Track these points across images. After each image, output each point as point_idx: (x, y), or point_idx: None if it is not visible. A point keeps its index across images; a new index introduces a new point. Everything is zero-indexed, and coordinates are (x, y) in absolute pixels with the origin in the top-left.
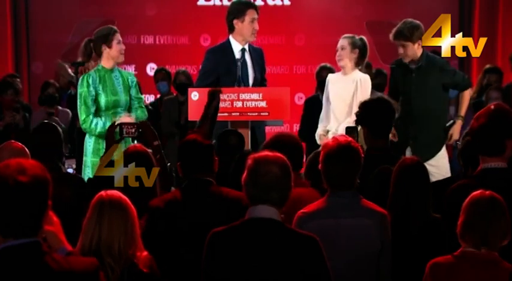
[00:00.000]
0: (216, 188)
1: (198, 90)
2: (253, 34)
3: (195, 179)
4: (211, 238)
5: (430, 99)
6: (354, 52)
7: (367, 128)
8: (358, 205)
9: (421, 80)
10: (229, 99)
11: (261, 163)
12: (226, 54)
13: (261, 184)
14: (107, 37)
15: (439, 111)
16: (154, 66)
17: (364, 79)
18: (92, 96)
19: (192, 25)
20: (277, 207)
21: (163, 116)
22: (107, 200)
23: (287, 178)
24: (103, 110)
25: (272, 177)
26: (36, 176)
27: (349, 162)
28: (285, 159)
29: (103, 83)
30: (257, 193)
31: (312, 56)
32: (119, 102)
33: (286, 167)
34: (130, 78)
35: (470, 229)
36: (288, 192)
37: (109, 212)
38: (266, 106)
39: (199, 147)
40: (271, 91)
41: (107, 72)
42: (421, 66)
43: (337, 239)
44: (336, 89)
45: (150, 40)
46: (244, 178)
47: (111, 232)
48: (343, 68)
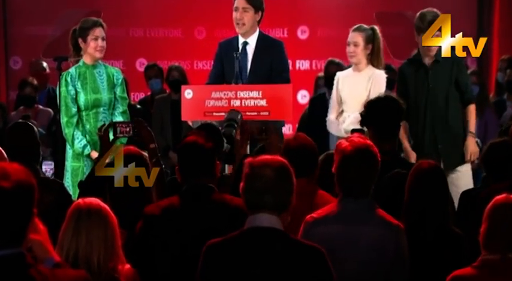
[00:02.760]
0: (217, 195)
1: (192, 88)
2: (236, 24)
3: (194, 184)
4: (206, 251)
5: (451, 98)
6: (367, 48)
7: (373, 130)
8: (373, 214)
9: (439, 78)
10: (227, 98)
11: (255, 166)
12: (231, 48)
13: (254, 188)
14: (84, 31)
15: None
16: (144, 62)
17: (378, 75)
18: (72, 95)
19: (186, 16)
20: (278, 214)
21: (154, 117)
22: (85, 209)
23: (284, 181)
24: (83, 110)
25: (266, 180)
26: (20, 181)
27: (367, 167)
28: (284, 162)
29: (82, 80)
30: (251, 198)
31: (317, 50)
32: (100, 101)
33: (283, 170)
34: (116, 75)
35: (496, 236)
36: (287, 196)
37: (87, 222)
38: (266, 105)
39: (200, 150)
40: (271, 89)
41: (88, 68)
42: (439, 61)
43: (345, 247)
44: (349, 87)
45: (140, 33)
46: (241, 184)
47: (89, 244)
48: (356, 65)
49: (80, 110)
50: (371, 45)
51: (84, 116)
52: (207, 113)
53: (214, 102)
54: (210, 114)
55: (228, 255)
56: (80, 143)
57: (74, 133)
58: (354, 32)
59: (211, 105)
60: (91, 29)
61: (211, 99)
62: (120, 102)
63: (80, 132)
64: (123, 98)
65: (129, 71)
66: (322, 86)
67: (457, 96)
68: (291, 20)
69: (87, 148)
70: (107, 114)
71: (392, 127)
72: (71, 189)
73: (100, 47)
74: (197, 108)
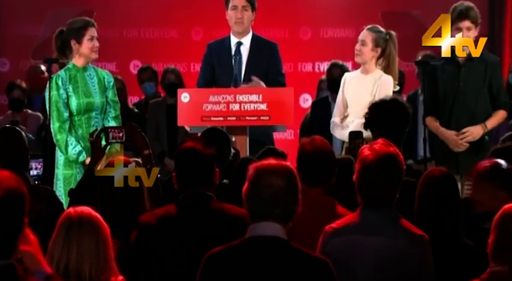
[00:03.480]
0: (216, 204)
1: (189, 91)
2: (235, 23)
3: (192, 192)
4: (206, 261)
5: (481, 98)
6: (375, 51)
7: (378, 134)
8: (396, 225)
9: (471, 76)
10: (225, 102)
11: (263, 173)
12: (222, 49)
13: (262, 199)
14: (78, 32)
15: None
16: (139, 64)
17: (385, 80)
18: (64, 99)
19: (182, 16)
20: (282, 223)
21: (148, 122)
22: (76, 218)
23: (293, 190)
24: (75, 115)
25: (275, 190)
26: (11, 189)
27: (390, 177)
28: (291, 168)
29: (74, 84)
30: (258, 209)
31: (320, 52)
32: (93, 105)
33: (292, 178)
34: (107, 78)
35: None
36: (295, 206)
37: (78, 232)
38: (267, 109)
39: (198, 156)
40: (272, 92)
41: (79, 71)
42: (473, 58)
43: (366, 258)
44: (353, 90)
45: (134, 34)
46: (244, 190)
47: (80, 255)
48: (363, 65)
49: (72, 114)
50: (380, 49)
51: (76, 121)
52: (204, 118)
53: (212, 107)
54: (207, 119)
55: (229, 265)
56: (75, 150)
57: (68, 139)
58: (366, 31)
59: (209, 109)
60: (86, 29)
61: (209, 103)
62: (112, 107)
63: (74, 138)
64: (115, 102)
65: (123, 73)
66: (325, 89)
67: (488, 100)
68: (292, 20)
69: (82, 154)
70: (99, 119)
71: (398, 132)
72: (63, 198)
73: (96, 48)
74: (194, 113)
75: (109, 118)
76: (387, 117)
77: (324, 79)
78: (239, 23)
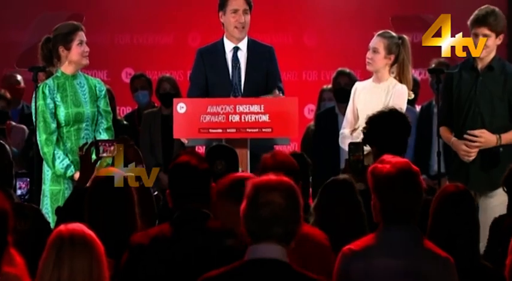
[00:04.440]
0: (213, 222)
1: (186, 101)
2: (236, 28)
3: (187, 210)
4: None
5: (497, 112)
6: (388, 58)
7: (377, 148)
8: (419, 245)
9: (489, 86)
10: (224, 113)
11: (261, 190)
12: (216, 55)
13: (261, 217)
14: (66, 37)
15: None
16: (132, 72)
17: (399, 89)
18: (51, 109)
19: (178, 21)
20: (283, 244)
21: (142, 134)
22: (67, 237)
23: (294, 208)
24: (63, 126)
25: (275, 208)
26: None
27: (412, 191)
28: (292, 184)
29: (62, 92)
30: (256, 228)
31: (326, 59)
32: (83, 115)
33: (293, 195)
34: (99, 86)
35: None
36: (296, 225)
37: (70, 251)
38: (269, 120)
39: (194, 171)
40: (275, 102)
41: (68, 79)
42: (493, 68)
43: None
44: (365, 100)
45: (126, 39)
46: (242, 209)
47: (72, 276)
48: (375, 74)
49: (60, 126)
50: (393, 56)
51: (65, 133)
52: (202, 130)
53: (211, 118)
54: (205, 131)
55: None
56: (62, 163)
57: (55, 152)
58: (377, 37)
59: (207, 121)
60: (75, 33)
61: (207, 114)
62: (104, 117)
63: (62, 151)
64: (107, 112)
65: (114, 82)
66: (327, 100)
67: (507, 115)
68: (296, 25)
69: (70, 168)
70: (89, 130)
71: (399, 146)
72: (50, 216)
73: (86, 52)
74: (191, 125)
75: (100, 130)
76: (386, 130)
77: (326, 89)
78: (241, 28)
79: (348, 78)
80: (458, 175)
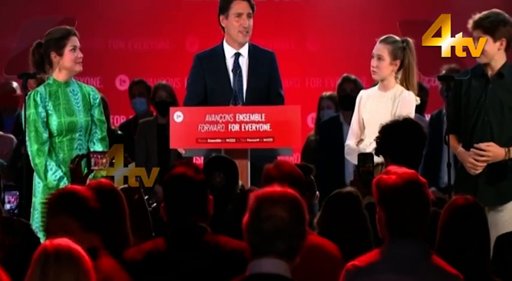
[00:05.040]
0: (210, 237)
1: (183, 110)
2: (240, 32)
3: (183, 224)
4: None
5: (507, 122)
6: (394, 64)
7: (391, 159)
8: (427, 261)
9: (499, 94)
10: (223, 122)
11: (264, 203)
12: (216, 61)
13: (263, 231)
14: (58, 42)
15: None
16: (126, 79)
17: (406, 96)
18: (43, 118)
19: (175, 25)
20: (286, 259)
21: (137, 144)
22: (53, 253)
23: (298, 222)
24: (55, 135)
25: (277, 222)
26: None
27: (418, 203)
28: (297, 197)
29: (54, 100)
30: (259, 242)
31: (330, 65)
32: (76, 124)
33: (298, 208)
34: (93, 94)
35: None
36: (300, 240)
37: (55, 267)
38: (270, 130)
39: (189, 183)
40: (277, 111)
41: (60, 86)
42: (503, 75)
43: None
44: (371, 109)
45: (121, 45)
46: (244, 222)
47: None
48: (381, 82)
49: (52, 136)
50: (399, 61)
51: (57, 143)
52: (200, 140)
53: (209, 127)
54: (203, 141)
55: None
56: (55, 175)
57: (47, 163)
58: (380, 44)
59: (205, 130)
60: (67, 38)
61: (205, 123)
62: (98, 127)
63: (54, 162)
64: (102, 121)
65: (108, 89)
66: (327, 108)
67: None
68: (300, 29)
69: (63, 180)
70: (83, 140)
71: (414, 157)
72: (40, 231)
73: (79, 59)
74: (189, 134)
75: (94, 140)
76: (400, 140)
77: (325, 96)
78: (245, 32)
79: (353, 85)
80: (465, 187)
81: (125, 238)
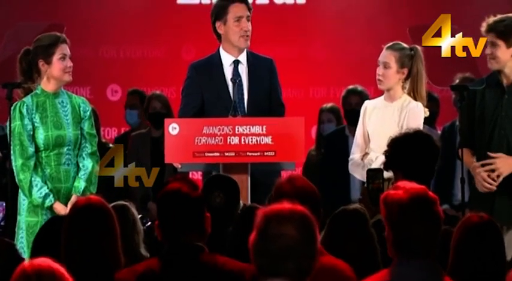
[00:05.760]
0: (207, 257)
1: (179, 122)
2: (241, 37)
3: (179, 244)
4: None
5: None
6: (401, 72)
7: (402, 174)
8: None
9: None
10: (222, 134)
11: (273, 221)
12: (213, 70)
13: (271, 251)
14: (47, 50)
15: None
16: (117, 89)
17: (414, 107)
18: (29, 131)
19: (170, 32)
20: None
21: (129, 159)
22: (33, 274)
23: (309, 242)
24: (42, 150)
25: (287, 242)
26: None
27: (428, 220)
28: (307, 214)
29: (42, 112)
30: (266, 263)
31: (335, 74)
32: (64, 138)
33: (308, 226)
34: (83, 106)
35: None
36: (311, 261)
37: None
38: (272, 143)
39: (185, 200)
40: (279, 123)
41: (49, 97)
42: None
43: None
44: (377, 121)
45: (112, 52)
46: (251, 241)
47: None
48: (387, 92)
49: (39, 150)
50: (406, 70)
51: (44, 158)
52: (197, 154)
53: (207, 140)
54: (201, 155)
55: None
56: (40, 192)
57: (32, 179)
58: (386, 50)
59: (202, 143)
60: (56, 46)
61: (202, 136)
62: (88, 141)
63: (40, 178)
64: (92, 135)
65: (99, 100)
66: (327, 121)
67: None
68: (303, 35)
69: (49, 197)
70: (71, 155)
71: (426, 172)
72: (25, 251)
73: (69, 68)
74: (185, 148)
75: (84, 155)
76: (412, 154)
77: (325, 109)
78: (246, 37)
79: (359, 98)
80: (481, 204)
81: (116, 259)
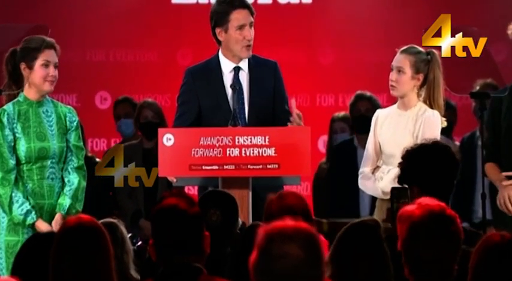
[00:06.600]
0: (207, 279)
1: (174, 132)
2: (244, 47)
3: (175, 265)
4: None
5: None
6: (416, 78)
7: (418, 189)
8: None
9: None
10: (221, 146)
11: (275, 239)
12: (211, 76)
13: (274, 272)
14: (30, 53)
15: None
16: (107, 96)
17: (430, 116)
18: (10, 142)
19: (165, 35)
20: None
21: None
22: None
23: (315, 262)
24: (24, 163)
25: (292, 262)
26: None
27: (444, 240)
28: (313, 233)
29: (24, 122)
30: None
31: (344, 80)
32: (48, 151)
33: (314, 246)
34: (70, 116)
35: None
36: None
37: None
38: (275, 155)
39: (182, 217)
40: (282, 133)
41: (32, 105)
42: None
43: None
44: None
45: (101, 56)
46: (252, 261)
47: None
48: (400, 99)
49: (20, 163)
50: (422, 75)
51: (25, 172)
52: (193, 167)
53: (204, 152)
54: (197, 168)
55: None
56: (21, 209)
57: (13, 195)
58: (400, 54)
59: (199, 155)
60: (40, 50)
61: (199, 147)
62: (74, 154)
63: (21, 194)
64: (79, 148)
65: (86, 109)
66: (340, 131)
67: None
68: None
69: (30, 215)
70: (55, 169)
71: (444, 186)
72: (4, 273)
73: (51, 77)
74: (180, 160)
75: (69, 169)
76: (430, 167)
77: (337, 117)
78: (248, 46)
79: (368, 103)
80: (505, 222)
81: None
